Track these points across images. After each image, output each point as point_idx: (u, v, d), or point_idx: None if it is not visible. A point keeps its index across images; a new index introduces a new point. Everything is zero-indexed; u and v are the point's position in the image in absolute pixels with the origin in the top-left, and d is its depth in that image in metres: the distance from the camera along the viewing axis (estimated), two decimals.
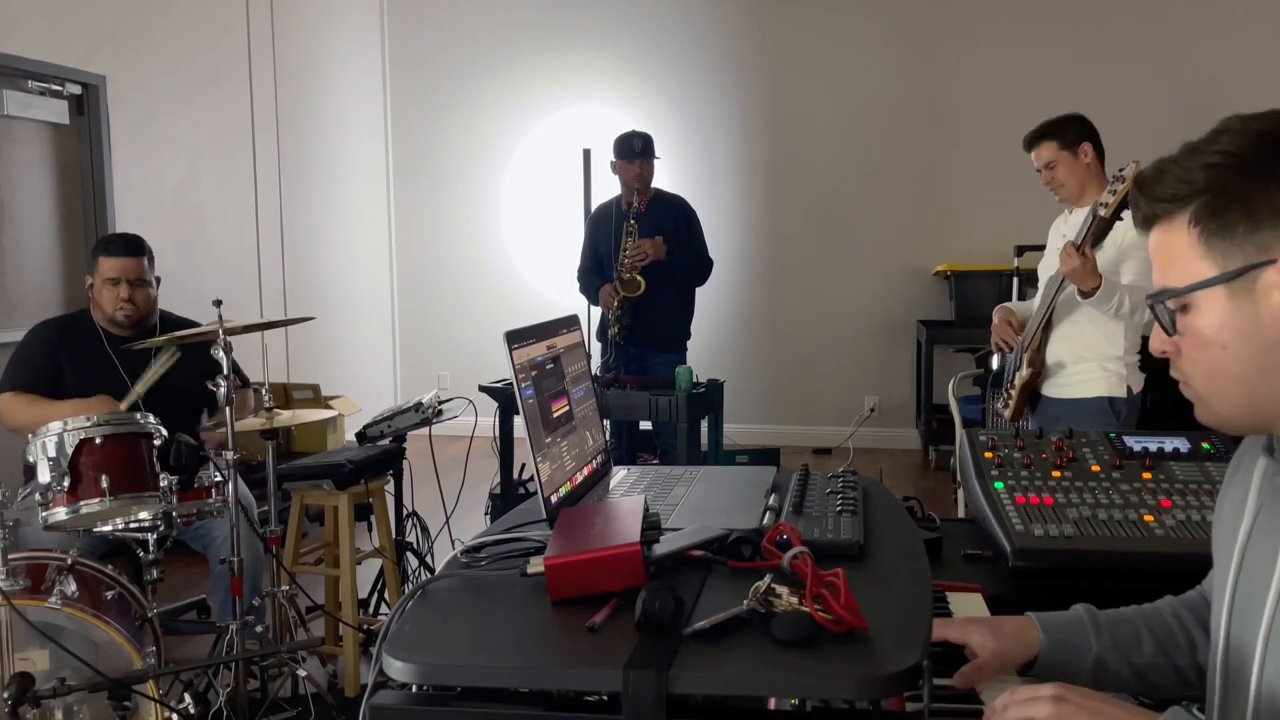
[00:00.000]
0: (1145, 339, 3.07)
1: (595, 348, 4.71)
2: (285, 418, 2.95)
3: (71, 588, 2.26)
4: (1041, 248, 3.35)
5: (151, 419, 2.67)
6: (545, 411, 1.37)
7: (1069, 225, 3.14)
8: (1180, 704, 1.02)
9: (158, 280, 3.28)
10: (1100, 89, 5.97)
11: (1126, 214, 2.85)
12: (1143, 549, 1.60)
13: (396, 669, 0.97)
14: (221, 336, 2.67)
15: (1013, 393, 3.16)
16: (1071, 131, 3.09)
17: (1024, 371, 3.11)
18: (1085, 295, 2.86)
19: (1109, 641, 1.24)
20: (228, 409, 2.66)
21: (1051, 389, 3.12)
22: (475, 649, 1.02)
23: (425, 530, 3.77)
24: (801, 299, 6.83)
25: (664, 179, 5.09)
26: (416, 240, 7.37)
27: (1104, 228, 2.83)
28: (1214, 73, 6.03)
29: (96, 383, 3.10)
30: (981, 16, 6.43)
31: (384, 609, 3.58)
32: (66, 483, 2.51)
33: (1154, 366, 3.17)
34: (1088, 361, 3.04)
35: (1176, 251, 0.98)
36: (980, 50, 6.44)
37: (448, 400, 3.49)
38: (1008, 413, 3.20)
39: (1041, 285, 3.24)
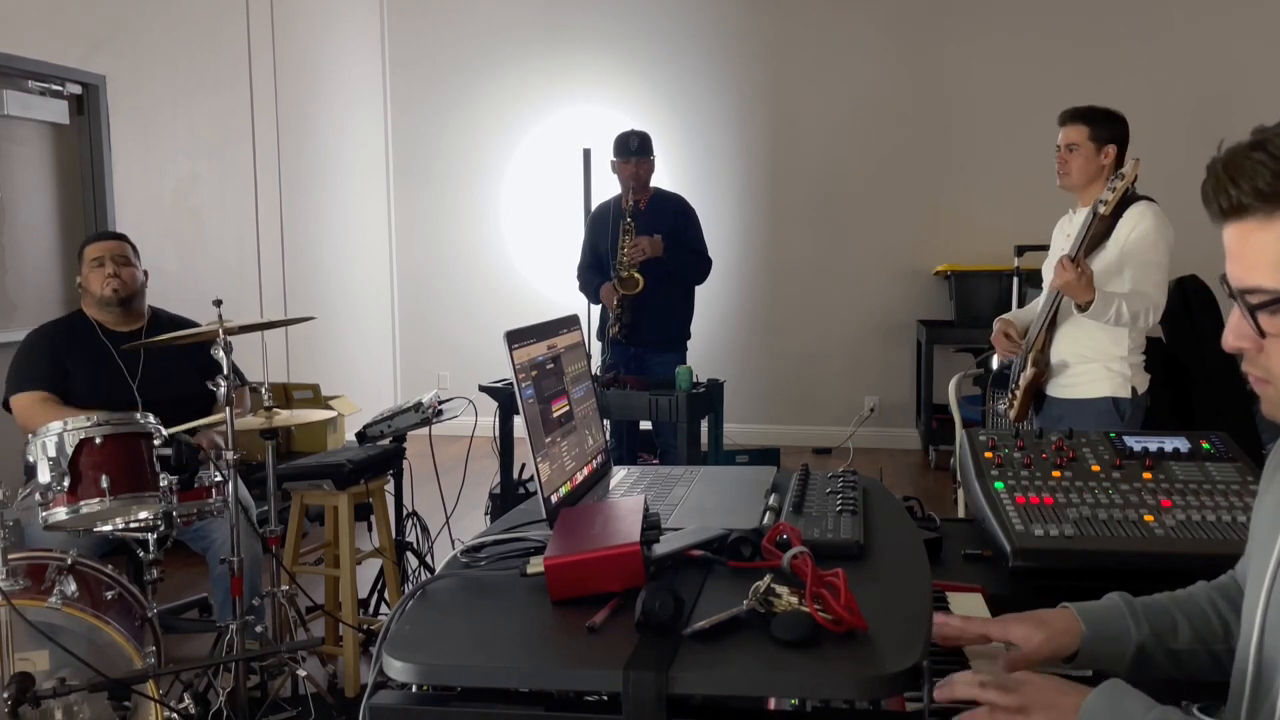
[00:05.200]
0: (1150, 339, 3.09)
1: (595, 347, 4.70)
2: (285, 418, 2.95)
3: (71, 588, 2.26)
4: (1043, 247, 3.34)
5: (151, 419, 2.66)
6: (545, 411, 1.37)
7: (1073, 225, 3.13)
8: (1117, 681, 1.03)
9: (145, 274, 3.35)
10: (1103, 89, 5.95)
11: (1127, 213, 2.85)
12: (1143, 549, 1.60)
13: (396, 669, 0.97)
14: (221, 336, 2.67)
15: (1017, 393, 3.15)
16: (1107, 127, 3.05)
17: (1028, 371, 3.10)
18: (1081, 309, 2.85)
19: (1148, 630, 1.23)
20: (228, 409, 2.66)
21: (1056, 389, 3.10)
22: (475, 649, 1.02)
23: (425, 530, 3.77)
24: (801, 299, 6.83)
25: (664, 179, 5.09)
26: (416, 240, 7.37)
27: (1104, 227, 2.81)
28: (1222, 78, 6.02)
29: (103, 379, 3.14)
30: (982, 16, 6.42)
31: (384, 609, 3.58)
32: (66, 483, 2.50)
33: (1158, 367, 3.18)
34: (1092, 362, 3.03)
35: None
36: (981, 50, 6.44)
37: (448, 400, 3.49)
38: (1012, 413, 3.18)
39: (1046, 285, 3.22)
